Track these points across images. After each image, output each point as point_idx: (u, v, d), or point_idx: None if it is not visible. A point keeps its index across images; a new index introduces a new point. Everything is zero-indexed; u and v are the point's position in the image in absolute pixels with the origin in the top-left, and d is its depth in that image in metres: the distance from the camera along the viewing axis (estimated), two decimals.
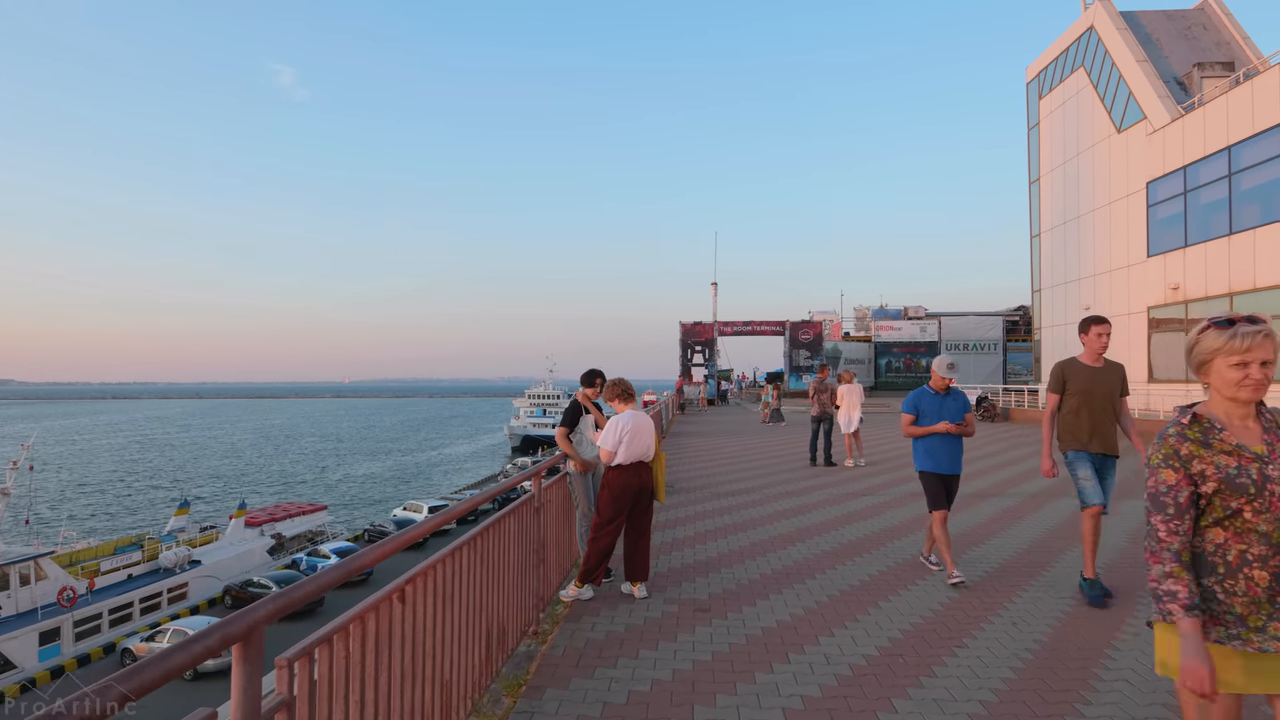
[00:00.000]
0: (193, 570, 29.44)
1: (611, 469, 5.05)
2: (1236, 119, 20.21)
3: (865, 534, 7.21)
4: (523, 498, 4.33)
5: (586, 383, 5.70)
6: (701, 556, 6.34)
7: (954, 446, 5.52)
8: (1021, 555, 6.32)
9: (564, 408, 53.46)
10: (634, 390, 5.26)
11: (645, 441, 5.09)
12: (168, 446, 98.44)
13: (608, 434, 5.00)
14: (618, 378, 5.28)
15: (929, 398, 5.57)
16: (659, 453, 5.27)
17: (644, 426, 5.10)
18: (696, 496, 9.60)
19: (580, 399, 5.69)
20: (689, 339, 47.89)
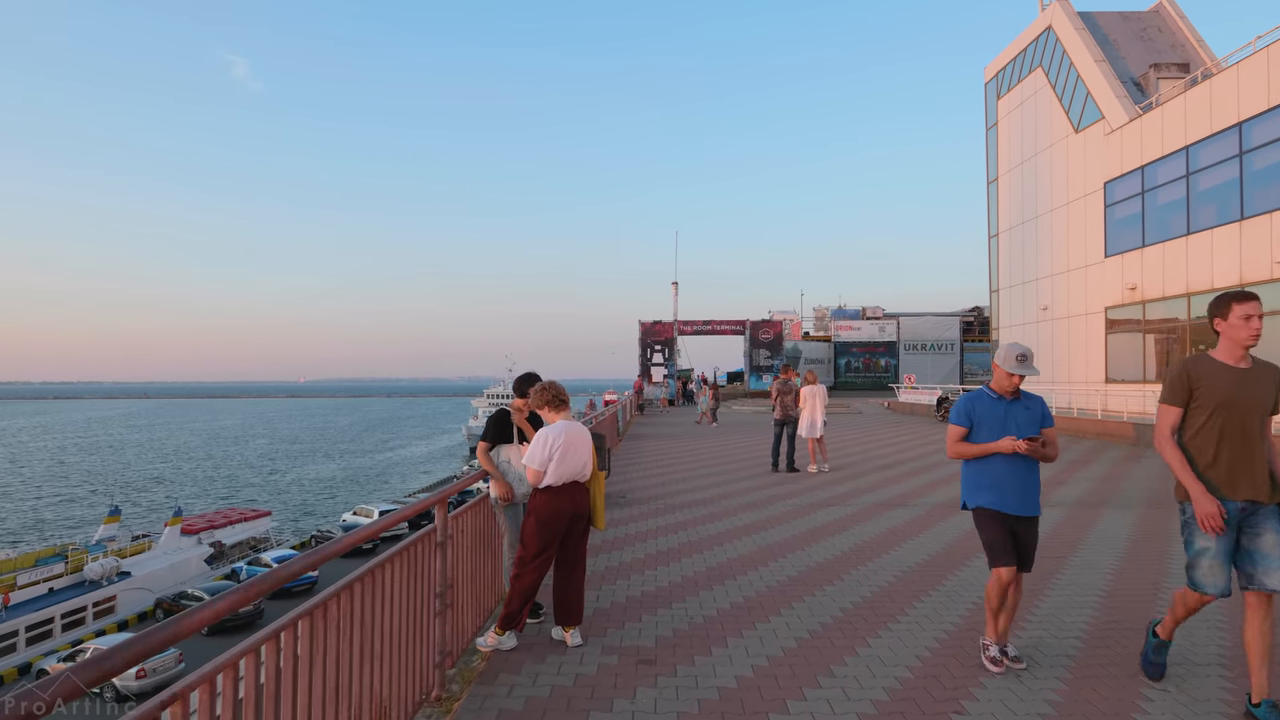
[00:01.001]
0: (121, 582, 27.67)
1: (539, 492, 4.21)
2: (1194, 119, 20.18)
3: (834, 554, 6.48)
4: (419, 532, 3.46)
5: (520, 391, 4.82)
6: (650, 586, 5.53)
7: (1026, 474, 3.85)
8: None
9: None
10: (567, 396, 4.42)
11: (580, 458, 4.26)
12: (108, 449, 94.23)
13: (534, 449, 4.15)
14: (549, 381, 4.41)
15: (988, 403, 3.94)
16: (596, 471, 4.44)
17: (579, 440, 4.27)
18: (649, 510, 8.79)
19: (514, 411, 4.81)
20: (648, 338, 47.17)
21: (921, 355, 49.52)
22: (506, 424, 4.69)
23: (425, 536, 3.49)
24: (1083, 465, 12.73)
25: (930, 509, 8.61)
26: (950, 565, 6.04)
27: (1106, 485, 10.36)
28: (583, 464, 4.27)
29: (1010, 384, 3.90)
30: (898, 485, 10.53)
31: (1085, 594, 5.22)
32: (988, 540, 3.89)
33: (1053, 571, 5.80)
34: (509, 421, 4.70)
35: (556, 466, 4.14)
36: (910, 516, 8.17)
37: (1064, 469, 12.24)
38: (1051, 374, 27.09)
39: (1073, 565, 5.99)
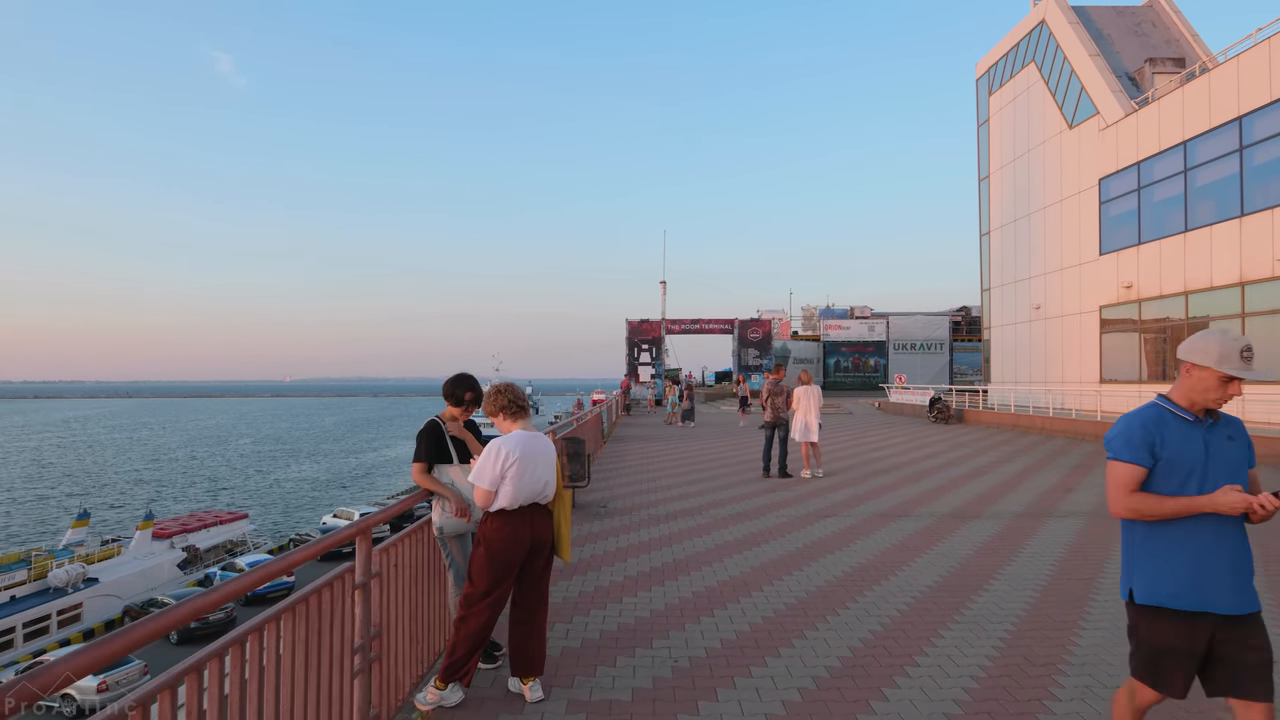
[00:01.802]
0: (88, 589, 26.64)
1: (491, 517, 3.50)
2: (1192, 113, 19.71)
3: (836, 574, 5.80)
4: (328, 575, 2.75)
5: (453, 397, 4.03)
6: (628, 617, 4.82)
7: (1238, 546, 2.39)
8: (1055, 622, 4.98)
9: None
10: (526, 401, 3.71)
11: (541, 475, 3.55)
12: (86, 450, 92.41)
13: (483, 465, 3.44)
14: (502, 384, 3.69)
15: (1179, 429, 2.43)
16: (561, 491, 3.74)
17: (539, 454, 3.56)
18: (630, 522, 8.09)
19: (449, 423, 4.02)
20: (636, 337, 46.46)
21: (911, 355, 49.11)
22: (441, 438, 3.95)
23: (338, 579, 2.78)
24: (1087, 470, 12.15)
25: (935, 520, 7.97)
26: (967, 588, 5.37)
27: None
28: (544, 482, 3.57)
29: (1223, 396, 2.39)
30: (897, 492, 9.89)
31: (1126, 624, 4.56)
32: (1156, 650, 2.43)
33: (1084, 597, 5.14)
34: (443, 435, 3.96)
35: (511, 486, 3.44)
36: (915, 529, 7.51)
37: (1069, 474, 11.66)
38: (1044, 374, 26.64)
39: (1106, 588, 5.35)
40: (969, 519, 8.04)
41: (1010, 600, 5.08)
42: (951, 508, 8.71)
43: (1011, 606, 4.93)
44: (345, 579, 2.83)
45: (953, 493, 9.82)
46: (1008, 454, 14.67)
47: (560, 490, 3.72)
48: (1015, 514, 8.29)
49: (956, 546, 6.71)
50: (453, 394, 4.00)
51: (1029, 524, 7.72)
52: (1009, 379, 28.82)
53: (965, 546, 6.71)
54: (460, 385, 3.99)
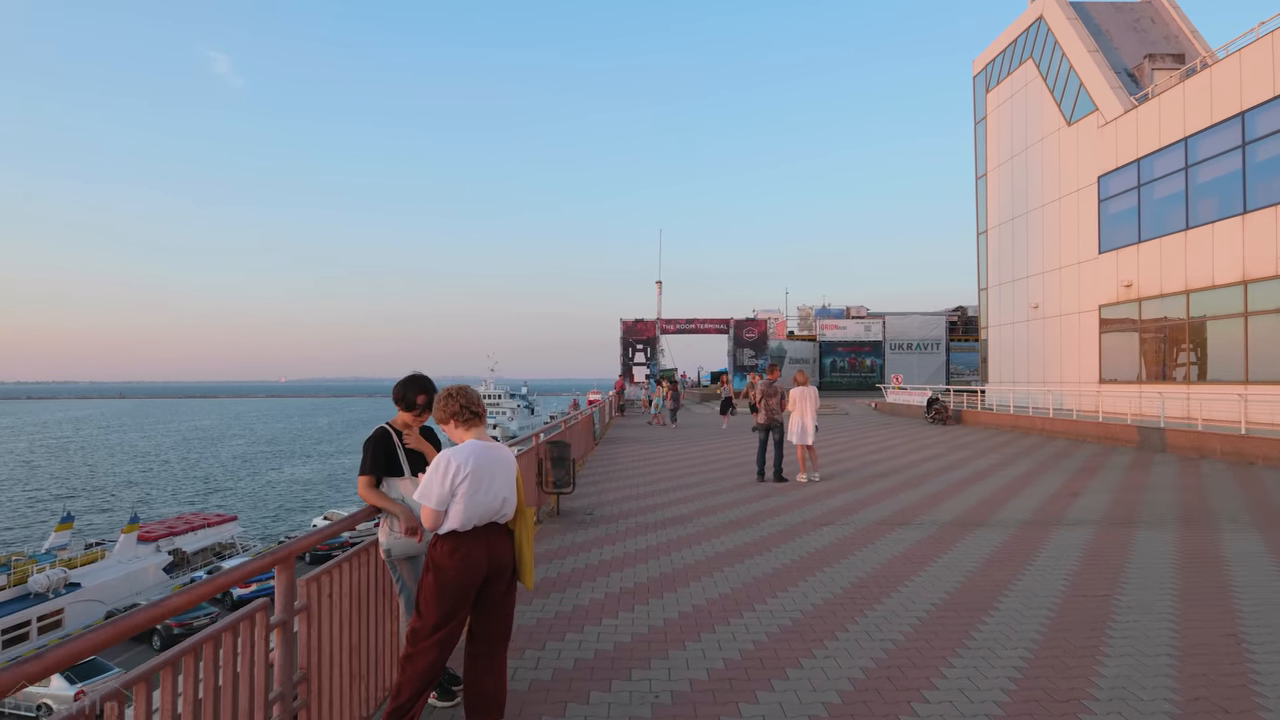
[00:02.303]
0: (70, 594, 26.10)
1: (441, 540, 3.07)
2: (1194, 109, 19.36)
3: (836, 591, 5.38)
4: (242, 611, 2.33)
5: (404, 401, 3.59)
6: (607, 643, 4.39)
7: None
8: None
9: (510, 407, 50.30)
10: (481, 406, 3.28)
11: (497, 491, 3.12)
12: (76, 451, 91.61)
13: (430, 481, 3.01)
14: (455, 386, 3.25)
15: None
16: (523, 508, 3.30)
17: (495, 466, 3.13)
18: (617, 531, 7.66)
19: (401, 431, 3.60)
20: (630, 337, 46.01)
21: (907, 355, 48.77)
22: (391, 448, 3.51)
23: (247, 619, 2.35)
24: (1091, 474, 11.76)
25: (938, 528, 7.55)
26: (976, 606, 4.96)
27: (1127, 498, 9.37)
28: (501, 499, 3.13)
29: None
30: (898, 498, 9.48)
31: (1153, 650, 4.15)
32: None
33: (1104, 618, 4.73)
34: (394, 444, 3.53)
35: (463, 504, 3.00)
36: (917, 538, 7.10)
37: (1073, 477, 11.26)
38: (1043, 374, 26.29)
39: (1125, 607, 4.94)
40: (973, 527, 7.63)
41: (1024, 622, 4.66)
42: (954, 514, 8.30)
43: (1025, 629, 4.52)
44: (258, 618, 2.40)
45: (955, 498, 9.41)
46: (1009, 456, 14.28)
47: (521, 507, 3.29)
48: (1021, 521, 7.88)
49: (962, 558, 6.30)
50: (403, 398, 3.57)
51: (1036, 533, 7.31)
52: (1007, 379, 28.49)
53: (971, 558, 6.30)
54: (412, 388, 3.55)
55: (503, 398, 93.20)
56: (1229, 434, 13.59)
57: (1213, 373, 18.46)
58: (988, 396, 28.19)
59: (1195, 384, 18.78)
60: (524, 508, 3.31)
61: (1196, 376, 18.97)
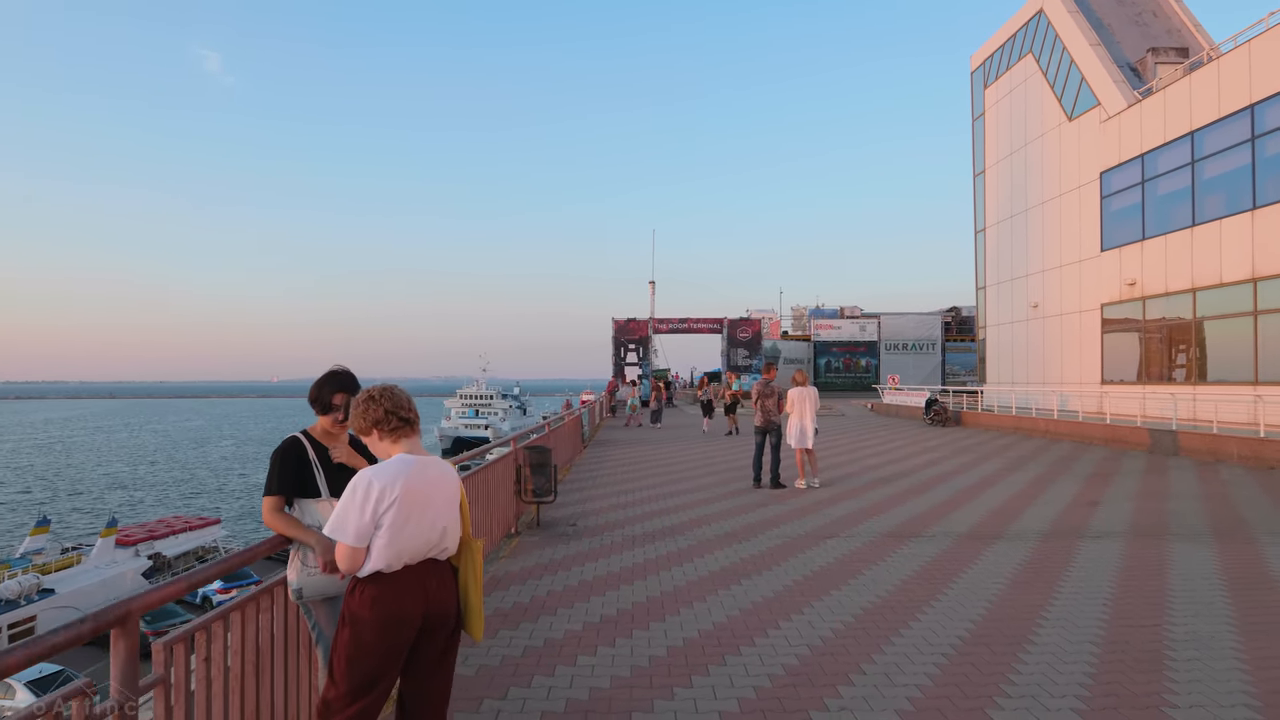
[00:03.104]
0: (43, 601, 25.25)
1: (361, 585, 2.40)
2: (1200, 103, 18.82)
3: (845, 620, 4.72)
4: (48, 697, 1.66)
5: (319, 403, 2.92)
6: (580, 690, 3.72)
7: None
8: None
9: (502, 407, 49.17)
10: (413, 412, 2.60)
11: (435, 520, 2.46)
12: (62, 452, 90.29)
13: (344, 510, 2.34)
14: (379, 387, 2.56)
15: None
16: (470, 539, 2.64)
17: (433, 488, 2.46)
18: (601, 545, 6.99)
19: (321, 438, 2.94)
20: (622, 337, 45.30)
21: (903, 355, 48.26)
22: (304, 462, 2.85)
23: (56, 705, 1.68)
24: (1106, 479, 11.15)
25: (952, 542, 6.91)
26: (1008, 640, 4.31)
27: (1150, 506, 8.75)
28: (439, 530, 2.47)
29: None
30: (904, 506, 8.85)
31: (1228, 699, 3.52)
32: None
33: (1158, 655, 4.08)
34: (307, 457, 2.87)
35: (390, 537, 2.34)
36: (931, 553, 6.46)
37: (1088, 483, 10.65)
38: (1043, 375, 25.74)
39: (1180, 640, 4.30)
40: (990, 540, 6.99)
41: (1067, 660, 4.02)
42: (967, 525, 7.67)
43: (1071, 671, 3.87)
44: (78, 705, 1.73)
45: (965, 507, 8.78)
46: (1015, 460, 13.68)
47: (468, 538, 2.62)
48: (1041, 533, 7.25)
49: (983, 578, 5.66)
50: (318, 398, 2.89)
51: (1060, 547, 6.68)
52: (1005, 379, 27.94)
53: (994, 578, 5.66)
54: (328, 386, 2.87)
55: (495, 398, 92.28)
56: (1247, 437, 13.01)
57: (1220, 373, 17.91)
58: (986, 397, 27.63)
59: (1202, 384, 18.23)
60: (470, 539, 2.64)
61: (1203, 377, 18.42)
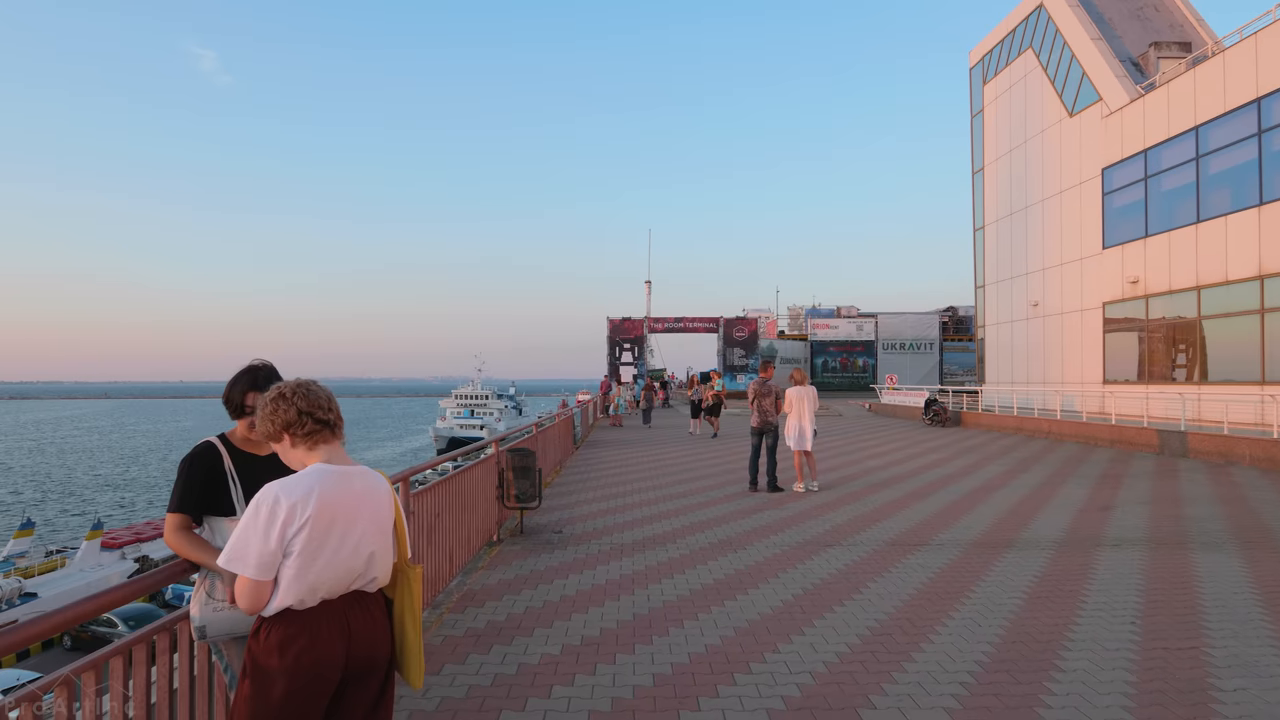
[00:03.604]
0: (24, 605, 24.71)
1: (267, 627, 1.95)
2: (1205, 97, 18.45)
3: (848, 643, 4.28)
4: None
5: (231, 403, 2.46)
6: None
7: None
8: None
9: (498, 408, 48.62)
10: (332, 413, 2.13)
11: (361, 544, 2.00)
12: (55, 453, 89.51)
13: (246, 533, 1.88)
14: (290, 384, 2.09)
15: None
16: (407, 565, 2.20)
17: (358, 504, 2.00)
18: (587, 554, 6.54)
19: (241, 445, 2.48)
20: (617, 336, 44.86)
21: (900, 355, 47.89)
22: (217, 474, 2.41)
23: None
24: (1116, 482, 10.73)
25: (961, 551, 6.48)
26: (1033, 666, 3.87)
27: (1166, 511, 8.33)
28: (366, 555, 2.02)
29: None
30: (907, 512, 8.41)
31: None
32: None
33: (1202, 683, 3.65)
34: (221, 467, 2.44)
35: (302, 567, 1.90)
36: (939, 564, 6.02)
37: (1098, 487, 10.24)
38: (1043, 374, 25.36)
39: (1224, 664, 3.86)
40: (1001, 549, 6.56)
41: (1101, 691, 3.58)
42: (976, 533, 7.24)
43: (1108, 706, 3.43)
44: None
45: (972, 512, 8.35)
46: (1020, 462, 13.27)
47: (403, 564, 2.18)
48: (1056, 542, 6.82)
49: (998, 593, 5.22)
50: (230, 399, 2.44)
51: (1077, 557, 6.25)
52: (1004, 379, 27.57)
53: (1009, 592, 5.22)
54: (240, 384, 2.41)
55: (490, 398, 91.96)
56: (1259, 438, 12.62)
57: (1227, 373, 17.53)
58: (986, 397, 27.25)
59: (1206, 384, 17.85)
60: (407, 565, 2.19)
61: (1208, 377, 18.04)
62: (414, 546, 4.48)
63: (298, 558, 1.90)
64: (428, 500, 4.88)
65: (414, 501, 4.51)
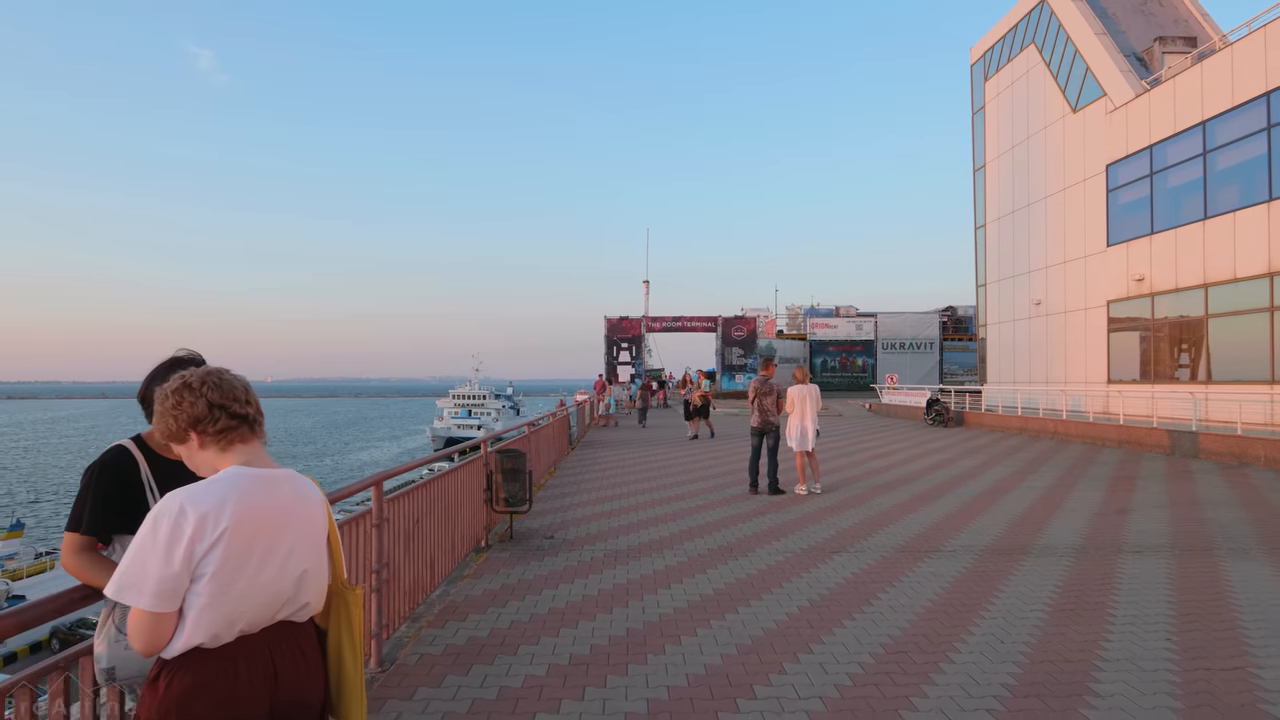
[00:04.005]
0: (11, 608, 24.28)
1: (171, 670, 1.57)
2: (1213, 91, 18.12)
3: (865, 661, 3.92)
4: None
5: (147, 401, 2.06)
6: None
7: None
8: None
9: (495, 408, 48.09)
10: (252, 406, 1.77)
11: (286, 563, 1.64)
12: (49, 454, 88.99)
13: (141, 552, 1.52)
14: (198, 373, 1.71)
15: None
16: (343, 586, 1.84)
17: (279, 516, 1.64)
18: (579, 562, 6.17)
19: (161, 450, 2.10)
20: (615, 335, 44.47)
21: (900, 354, 47.53)
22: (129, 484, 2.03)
23: None
24: (1129, 484, 10.38)
25: (975, 559, 6.12)
26: (1066, 691, 3.51)
27: (1187, 514, 7.97)
28: (294, 577, 1.66)
29: None
30: (915, 516, 8.06)
31: None
32: None
33: (1253, 710, 3.30)
34: (138, 477, 2.06)
35: (214, 593, 1.54)
36: (954, 573, 5.67)
37: (1111, 489, 9.88)
38: (1046, 374, 25.04)
39: (1274, 689, 3.51)
40: (1017, 556, 6.21)
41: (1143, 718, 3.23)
42: (990, 538, 6.88)
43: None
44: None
45: (983, 516, 7.99)
46: (1027, 463, 12.92)
47: (339, 586, 1.82)
48: (1075, 548, 6.46)
49: (1019, 604, 4.86)
50: (146, 397, 2.08)
51: (1099, 565, 5.89)
52: (1006, 379, 27.25)
53: (1031, 604, 4.86)
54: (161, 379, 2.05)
55: (488, 398, 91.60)
56: (1274, 439, 12.27)
57: (1235, 372, 17.20)
58: (988, 397, 26.93)
59: (1214, 384, 17.52)
60: (343, 587, 1.82)
61: (1216, 376, 17.71)
62: (389, 554, 4.13)
63: (210, 582, 1.54)
64: (405, 506, 4.52)
65: (389, 508, 4.14)
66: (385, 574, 4.02)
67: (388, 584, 4.09)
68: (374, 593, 3.88)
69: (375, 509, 3.96)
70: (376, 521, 3.93)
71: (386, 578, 4.06)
